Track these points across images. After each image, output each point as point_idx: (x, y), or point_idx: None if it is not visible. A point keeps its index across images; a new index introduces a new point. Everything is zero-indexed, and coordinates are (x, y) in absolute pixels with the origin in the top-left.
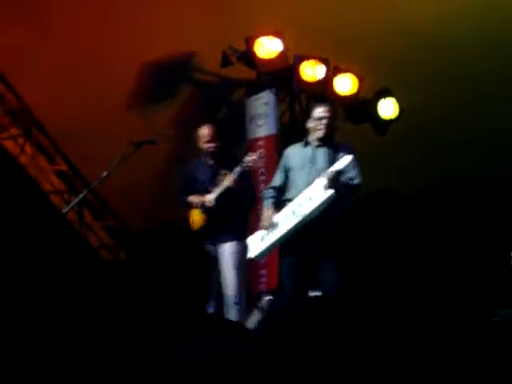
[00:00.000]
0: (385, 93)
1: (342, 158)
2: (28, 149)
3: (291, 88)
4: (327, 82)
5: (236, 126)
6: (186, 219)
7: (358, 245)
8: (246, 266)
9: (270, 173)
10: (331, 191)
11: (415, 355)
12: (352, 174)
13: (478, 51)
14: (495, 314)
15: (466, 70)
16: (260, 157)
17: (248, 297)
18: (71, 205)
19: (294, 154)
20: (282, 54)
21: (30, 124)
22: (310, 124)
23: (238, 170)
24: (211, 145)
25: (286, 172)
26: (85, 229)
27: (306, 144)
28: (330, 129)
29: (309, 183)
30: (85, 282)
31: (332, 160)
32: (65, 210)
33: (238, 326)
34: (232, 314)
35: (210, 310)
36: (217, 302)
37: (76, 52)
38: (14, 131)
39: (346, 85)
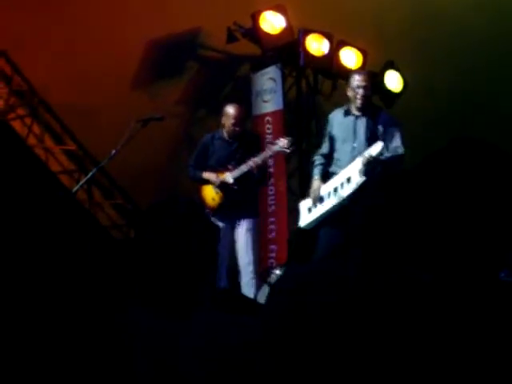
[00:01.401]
0: (390, 66)
1: (376, 143)
2: (36, 129)
3: (297, 63)
4: (332, 56)
5: (242, 102)
6: (198, 195)
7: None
8: (258, 242)
9: None
10: (363, 178)
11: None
12: (397, 142)
13: (483, 21)
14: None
15: (471, 40)
16: (262, 133)
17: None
18: (80, 183)
19: (337, 122)
20: (287, 29)
21: (36, 104)
22: (349, 93)
23: (267, 153)
24: (236, 128)
25: (331, 140)
26: (95, 208)
27: (347, 113)
28: (368, 97)
29: (352, 158)
30: (96, 260)
31: (372, 132)
32: (74, 189)
33: (251, 301)
34: (250, 288)
35: (223, 284)
36: (228, 277)
37: (82, 30)
38: (20, 111)
39: (351, 59)
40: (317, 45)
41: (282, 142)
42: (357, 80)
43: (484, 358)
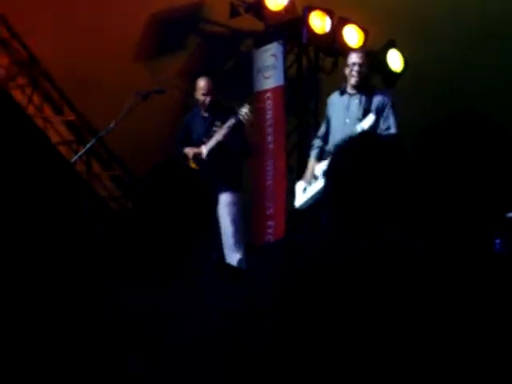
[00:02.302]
0: (391, 45)
1: (368, 116)
2: (35, 99)
3: (299, 40)
4: (335, 33)
5: (244, 77)
6: None
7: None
8: (242, 215)
9: (278, 124)
10: None
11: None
12: (389, 123)
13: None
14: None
15: (470, 23)
16: (262, 109)
17: (254, 247)
18: (79, 154)
19: (333, 103)
20: (290, 6)
21: (37, 73)
22: (345, 71)
23: (230, 122)
24: (207, 98)
25: (328, 121)
26: (93, 179)
27: (343, 92)
28: (363, 75)
29: (344, 134)
30: (94, 231)
31: (366, 110)
32: (73, 160)
33: (237, 269)
34: (233, 261)
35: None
36: (216, 250)
37: (83, 1)
38: (21, 81)
39: (352, 37)
40: (319, 22)
41: (242, 111)
42: (353, 57)
43: (479, 335)
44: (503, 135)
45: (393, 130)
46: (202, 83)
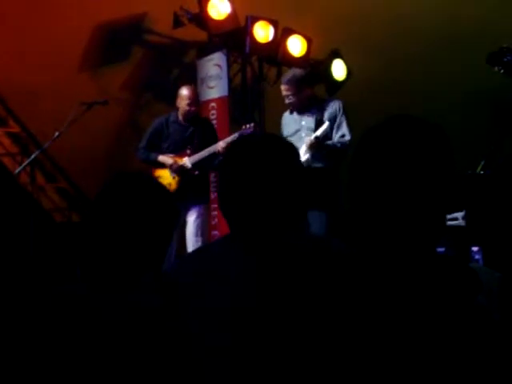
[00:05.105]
0: (335, 55)
1: (323, 123)
2: None
3: (243, 50)
4: (278, 44)
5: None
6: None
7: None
8: (208, 228)
9: (223, 134)
10: (305, 156)
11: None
12: (343, 130)
13: (433, 19)
14: None
15: (419, 34)
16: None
17: None
18: (23, 165)
19: (286, 121)
20: (233, 15)
21: None
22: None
23: (232, 137)
24: (192, 108)
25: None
26: (37, 191)
27: (292, 111)
28: (299, 100)
29: (300, 147)
30: (38, 242)
31: (319, 119)
32: (16, 171)
33: None
34: None
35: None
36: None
37: (28, 12)
38: None
39: (295, 46)
40: (263, 32)
41: (248, 127)
42: (282, 89)
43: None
44: (440, 136)
45: (347, 137)
46: (188, 92)
